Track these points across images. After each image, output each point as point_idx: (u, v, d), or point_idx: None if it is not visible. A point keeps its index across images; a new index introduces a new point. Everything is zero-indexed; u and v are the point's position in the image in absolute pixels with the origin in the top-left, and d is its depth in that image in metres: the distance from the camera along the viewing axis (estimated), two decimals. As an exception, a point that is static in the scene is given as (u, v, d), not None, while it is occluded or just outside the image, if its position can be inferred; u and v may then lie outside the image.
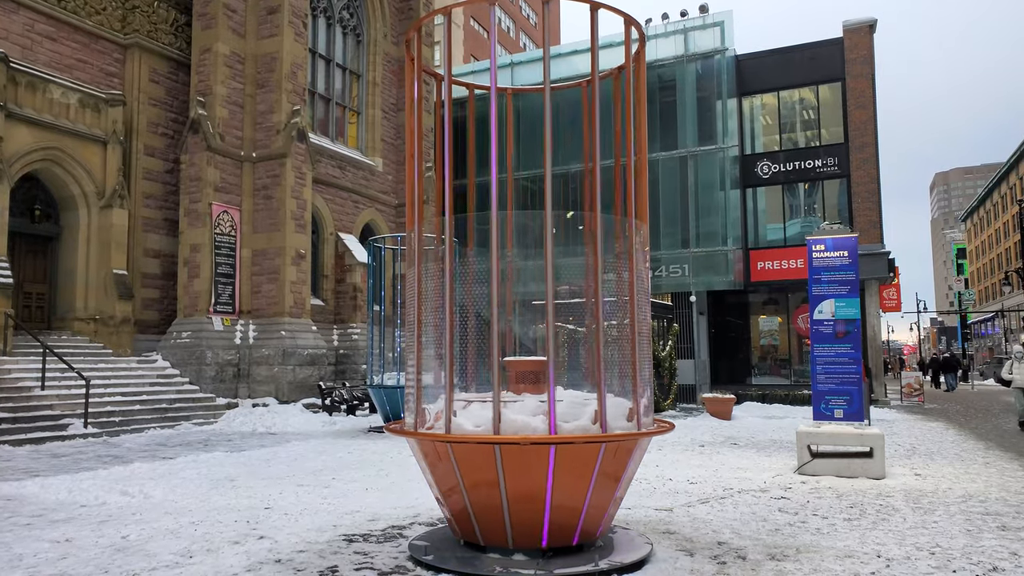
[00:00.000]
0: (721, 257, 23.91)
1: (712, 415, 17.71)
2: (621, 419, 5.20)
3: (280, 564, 5.20)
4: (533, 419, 4.94)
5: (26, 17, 17.56)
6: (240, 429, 15.53)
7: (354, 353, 22.01)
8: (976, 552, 5.50)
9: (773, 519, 6.61)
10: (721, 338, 25.47)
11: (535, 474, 4.85)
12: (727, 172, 24.33)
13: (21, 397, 14.11)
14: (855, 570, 5.02)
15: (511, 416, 4.97)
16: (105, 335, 18.05)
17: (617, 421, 5.12)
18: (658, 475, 9.16)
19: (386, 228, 25.18)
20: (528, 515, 4.97)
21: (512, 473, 4.86)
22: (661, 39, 25.16)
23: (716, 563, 5.18)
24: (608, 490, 5.14)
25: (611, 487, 5.15)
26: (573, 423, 4.99)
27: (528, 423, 4.91)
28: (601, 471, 4.97)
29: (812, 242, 10.08)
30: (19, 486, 8.42)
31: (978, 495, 7.74)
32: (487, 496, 4.98)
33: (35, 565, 5.22)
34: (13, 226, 16.71)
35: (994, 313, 69.10)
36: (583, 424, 5.01)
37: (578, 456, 4.89)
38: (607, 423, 4.95)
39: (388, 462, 10.48)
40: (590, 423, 5.01)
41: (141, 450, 12.08)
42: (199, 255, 19.25)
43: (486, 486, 4.95)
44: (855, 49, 24.13)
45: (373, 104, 25.35)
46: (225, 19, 20.09)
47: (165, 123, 20.40)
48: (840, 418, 9.58)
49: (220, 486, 8.48)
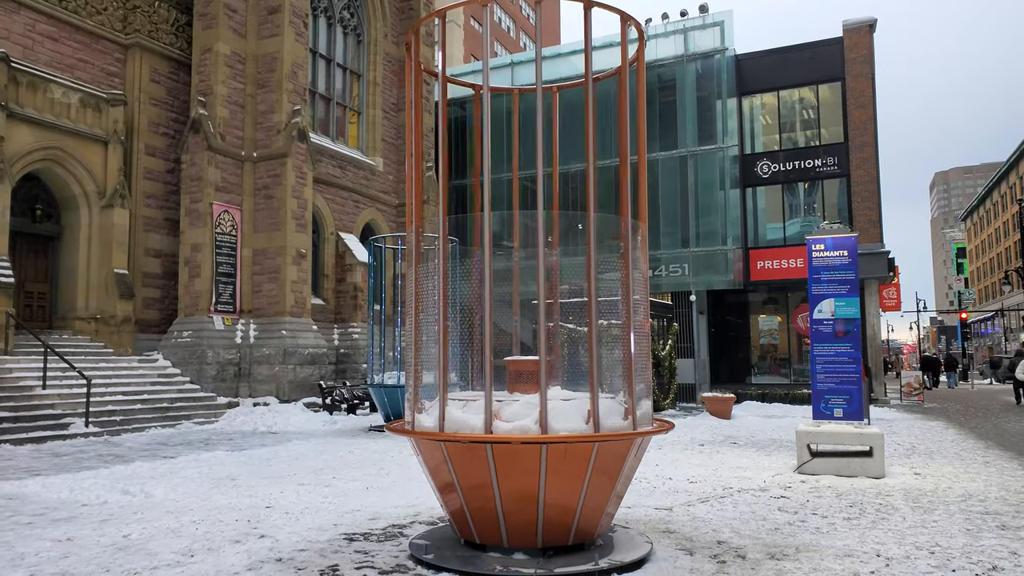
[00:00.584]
0: (721, 256, 23.92)
1: (712, 414, 17.72)
2: (617, 418, 5.20)
3: (281, 563, 5.21)
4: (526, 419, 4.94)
5: (27, 17, 17.57)
6: (241, 428, 15.54)
7: (355, 352, 22.04)
8: (976, 551, 5.51)
9: (773, 518, 6.62)
10: (721, 337, 25.49)
11: (527, 473, 4.86)
12: (727, 172, 24.35)
13: (22, 396, 14.13)
14: (855, 569, 5.03)
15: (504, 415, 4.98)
16: (106, 334, 18.07)
17: (612, 420, 5.11)
18: (658, 474, 9.18)
19: (387, 228, 25.20)
20: (522, 514, 4.98)
21: (504, 472, 4.87)
22: (661, 39, 25.17)
23: (716, 562, 5.20)
24: (604, 489, 5.14)
25: (607, 486, 5.15)
26: (563, 423, 4.96)
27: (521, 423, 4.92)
28: (596, 470, 4.97)
29: (812, 241, 10.10)
30: (21, 485, 8.44)
31: (978, 494, 7.76)
32: (481, 495, 5.00)
33: (37, 564, 5.23)
34: (14, 225, 16.73)
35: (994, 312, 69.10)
36: (574, 424, 4.99)
37: (571, 456, 4.88)
38: (600, 422, 4.95)
39: (389, 461, 10.50)
40: (583, 422, 5.00)
41: (142, 449, 12.09)
42: (200, 255, 19.27)
43: (479, 485, 4.96)
44: (855, 49, 24.13)
45: (374, 104, 25.36)
46: (226, 19, 20.11)
47: (166, 123, 20.42)
48: (840, 417, 9.59)
49: (221, 485, 8.50)
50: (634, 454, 5.28)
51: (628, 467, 5.27)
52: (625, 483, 5.38)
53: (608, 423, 5.03)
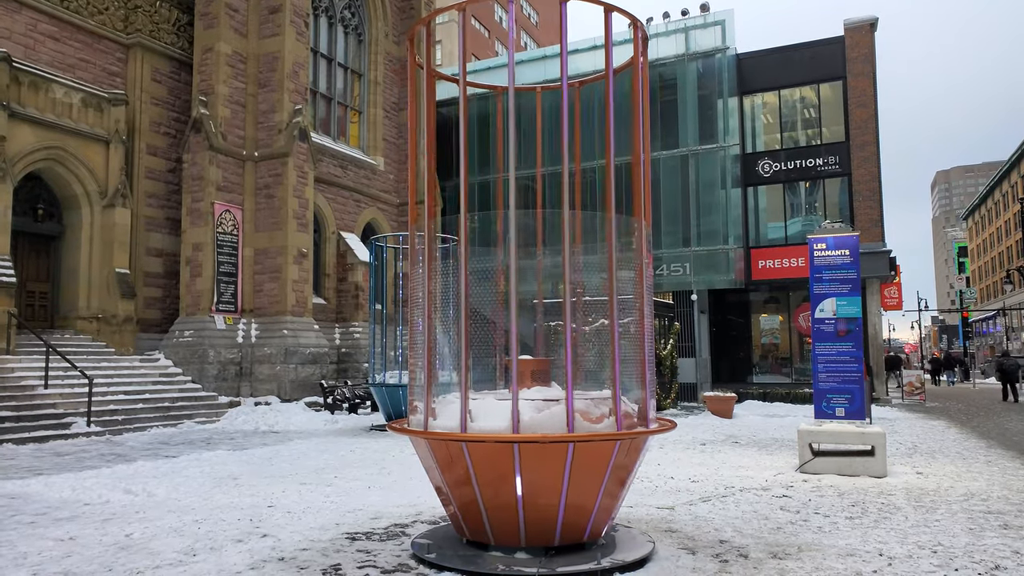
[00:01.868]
0: (722, 256, 23.91)
1: (713, 413, 17.72)
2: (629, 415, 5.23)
3: (283, 562, 5.21)
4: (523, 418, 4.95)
5: (29, 17, 17.58)
6: (242, 427, 15.55)
7: (356, 351, 22.04)
8: (978, 551, 5.50)
9: (775, 517, 6.62)
10: (722, 337, 25.48)
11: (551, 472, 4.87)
12: (728, 171, 24.33)
13: (24, 396, 14.15)
14: (857, 568, 5.02)
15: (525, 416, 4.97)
16: (108, 334, 18.08)
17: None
18: (659, 473, 9.17)
19: (388, 227, 25.21)
20: (543, 512, 4.99)
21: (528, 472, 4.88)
22: (662, 38, 25.16)
23: (718, 561, 5.20)
24: (617, 487, 5.16)
25: (620, 484, 5.17)
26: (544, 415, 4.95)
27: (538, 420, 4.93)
28: (615, 467, 5.01)
29: (813, 240, 10.08)
30: (23, 484, 8.45)
31: (980, 494, 7.75)
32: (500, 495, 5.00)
33: (39, 563, 5.24)
34: (16, 225, 16.73)
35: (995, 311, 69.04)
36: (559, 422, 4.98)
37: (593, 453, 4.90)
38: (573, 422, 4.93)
39: (390, 460, 10.50)
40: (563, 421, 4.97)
41: (144, 448, 12.10)
42: (201, 254, 19.29)
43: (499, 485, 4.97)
44: (856, 48, 24.10)
45: (375, 103, 25.36)
46: (227, 19, 20.11)
47: (167, 122, 20.43)
48: (842, 416, 9.59)
49: (223, 484, 8.50)
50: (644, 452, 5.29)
51: (638, 465, 5.28)
52: (631, 482, 5.38)
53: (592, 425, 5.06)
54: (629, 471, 5.28)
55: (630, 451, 5.15)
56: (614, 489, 5.21)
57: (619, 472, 5.16)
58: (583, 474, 4.94)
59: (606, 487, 5.09)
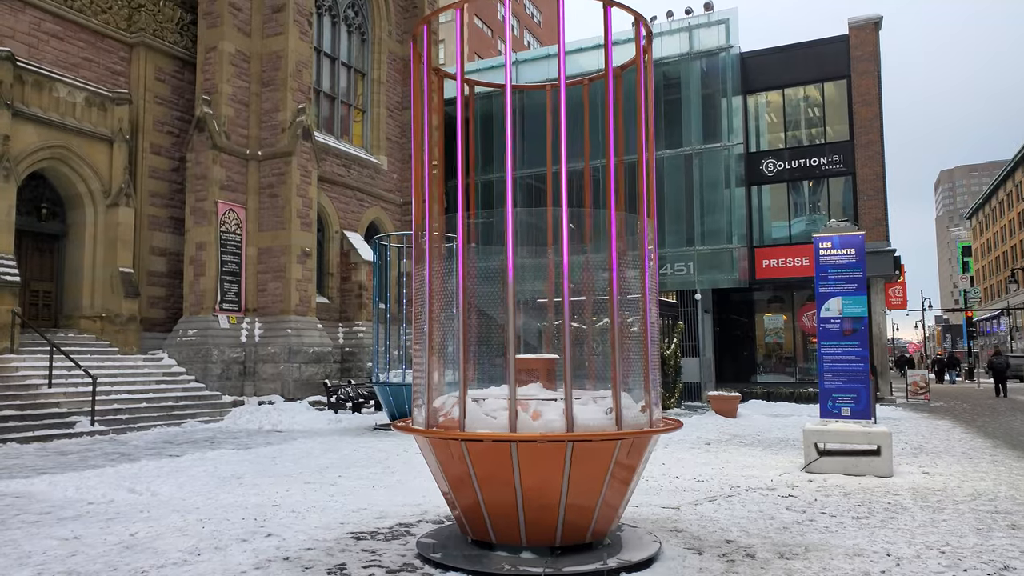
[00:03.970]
0: (726, 255, 23.86)
1: (717, 413, 17.69)
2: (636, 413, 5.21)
3: (288, 562, 5.20)
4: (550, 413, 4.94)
5: (32, 16, 17.59)
6: (246, 427, 15.55)
7: (359, 351, 22.04)
8: (987, 551, 5.47)
9: (781, 517, 6.59)
10: (726, 336, 25.44)
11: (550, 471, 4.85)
12: (732, 170, 24.28)
13: (28, 395, 14.16)
14: (865, 568, 5.00)
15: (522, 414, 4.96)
16: (111, 333, 18.09)
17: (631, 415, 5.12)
18: (664, 473, 9.15)
19: (391, 226, 25.20)
20: (542, 513, 4.96)
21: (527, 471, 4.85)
22: (666, 36, 25.10)
23: (725, 561, 5.17)
24: (620, 487, 5.13)
25: (624, 484, 5.14)
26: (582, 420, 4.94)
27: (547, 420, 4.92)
28: (616, 467, 4.97)
29: (819, 240, 10.05)
30: (27, 484, 8.45)
31: (987, 493, 7.71)
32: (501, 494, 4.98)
33: (44, 563, 5.23)
34: (20, 224, 16.74)
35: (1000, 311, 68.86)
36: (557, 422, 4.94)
37: (594, 453, 4.87)
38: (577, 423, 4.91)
39: (394, 460, 10.48)
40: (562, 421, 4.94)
41: (148, 448, 12.10)
42: (205, 253, 19.29)
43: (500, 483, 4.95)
44: (860, 46, 24.03)
45: (378, 103, 25.36)
46: (231, 18, 20.11)
47: (171, 122, 20.44)
48: (847, 416, 9.56)
49: (227, 484, 8.49)
50: (649, 451, 5.26)
51: (643, 465, 5.25)
52: (636, 481, 5.36)
53: (628, 419, 5.03)
54: (633, 471, 5.23)
55: (632, 451, 5.11)
56: (617, 489, 5.16)
57: (622, 472, 5.12)
58: (583, 474, 4.91)
59: (608, 487, 5.05)
